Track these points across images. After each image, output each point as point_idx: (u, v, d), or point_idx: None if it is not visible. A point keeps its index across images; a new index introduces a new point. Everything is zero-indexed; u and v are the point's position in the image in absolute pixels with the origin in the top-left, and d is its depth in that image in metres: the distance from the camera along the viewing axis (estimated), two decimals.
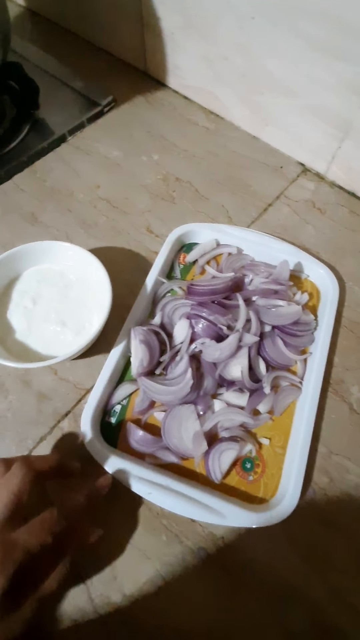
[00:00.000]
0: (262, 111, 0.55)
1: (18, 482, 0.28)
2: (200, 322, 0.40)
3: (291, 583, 0.33)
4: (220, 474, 0.35)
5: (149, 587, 0.32)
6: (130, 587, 0.32)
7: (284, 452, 0.37)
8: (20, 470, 0.29)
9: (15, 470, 0.29)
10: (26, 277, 0.42)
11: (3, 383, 0.40)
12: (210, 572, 0.33)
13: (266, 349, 0.40)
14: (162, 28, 0.56)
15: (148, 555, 0.33)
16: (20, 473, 0.29)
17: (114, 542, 0.34)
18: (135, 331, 0.39)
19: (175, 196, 0.53)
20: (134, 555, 0.33)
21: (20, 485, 0.28)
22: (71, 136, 0.58)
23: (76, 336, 0.39)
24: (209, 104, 0.61)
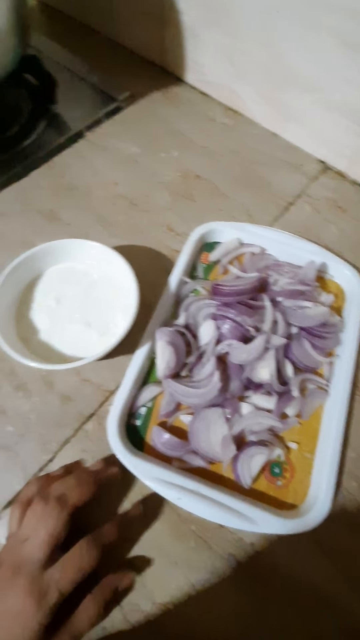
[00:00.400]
0: (284, 107, 0.54)
1: (53, 522, 0.29)
2: (227, 323, 0.39)
3: (323, 591, 0.32)
4: (250, 479, 0.34)
5: (179, 595, 0.32)
6: (159, 595, 0.31)
7: (312, 456, 0.36)
8: (54, 510, 0.29)
9: (52, 510, 0.29)
10: (48, 276, 0.41)
11: (26, 384, 0.39)
12: (241, 579, 0.32)
13: (293, 351, 0.39)
14: (183, 22, 0.55)
15: (177, 561, 0.33)
16: (54, 512, 0.29)
17: (142, 549, 0.33)
18: (161, 332, 0.38)
19: (195, 194, 0.52)
20: (163, 562, 0.33)
21: (55, 525, 0.28)
22: (88, 132, 0.57)
23: (101, 337, 0.38)
24: (228, 100, 0.60)
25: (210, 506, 0.33)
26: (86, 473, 0.32)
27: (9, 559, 0.28)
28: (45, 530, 0.28)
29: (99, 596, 0.29)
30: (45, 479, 0.33)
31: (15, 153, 0.53)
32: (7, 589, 0.27)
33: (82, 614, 0.28)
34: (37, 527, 0.29)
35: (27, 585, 0.27)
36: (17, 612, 0.26)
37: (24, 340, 0.37)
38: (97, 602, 0.29)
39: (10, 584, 0.27)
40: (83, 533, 0.30)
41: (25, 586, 0.27)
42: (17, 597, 0.26)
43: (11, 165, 0.52)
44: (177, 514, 0.34)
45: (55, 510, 0.29)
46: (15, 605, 0.26)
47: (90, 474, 0.32)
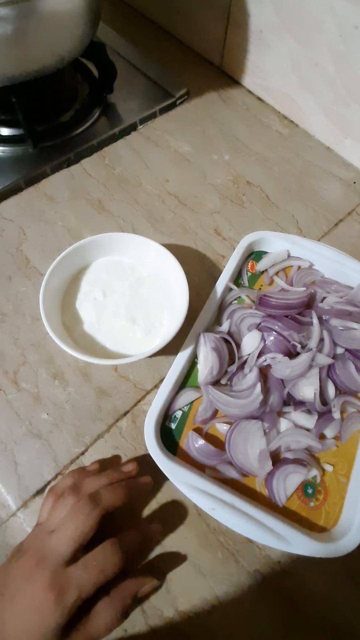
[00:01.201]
0: (343, 123, 0.53)
1: (83, 520, 0.28)
2: (272, 335, 0.38)
3: (350, 620, 0.31)
4: (285, 497, 0.34)
5: (203, 605, 0.31)
6: (183, 603, 0.31)
7: (347, 480, 0.36)
8: (86, 507, 0.28)
9: (83, 507, 0.28)
10: (96, 267, 0.40)
11: (63, 373, 0.39)
12: (266, 597, 0.32)
13: (336, 371, 0.38)
14: (250, 24, 0.54)
15: (203, 571, 0.32)
16: (86, 509, 0.28)
17: (169, 554, 0.32)
18: (206, 337, 0.38)
19: (244, 200, 0.52)
20: (189, 570, 0.32)
21: (85, 523, 0.28)
22: (142, 125, 0.56)
23: (145, 335, 0.37)
24: (285, 109, 0.59)
25: (242, 520, 0.32)
26: (121, 478, 0.31)
27: (34, 548, 0.28)
28: (74, 526, 0.28)
29: (117, 601, 0.28)
30: (81, 472, 0.32)
31: (68, 139, 0.53)
32: (29, 579, 0.26)
33: (98, 618, 0.27)
34: (66, 521, 0.28)
35: (48, 580, 0.26)
36: (35, 605, 0.25)
37: (68, 329, 0.37)
38: (115, 607, 0.27)
39: (32, 574, 0.26)
40: (107, 535, 0.29)
41: (46, 580, 0.26)
42: (37, 590, 0.26)
43: (64, 151, 0.51)
44: (206, 523, 0.34)
45: (87, 507, 0.28)
46: (35, 598, 0.26)
47: (125, 481, 0.31)
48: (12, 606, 0.26)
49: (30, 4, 0.35)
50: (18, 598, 0.26)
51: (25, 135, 0.49)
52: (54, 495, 0.31)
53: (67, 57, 0.43)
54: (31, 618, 0.25)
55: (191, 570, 0.32)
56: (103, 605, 0.27)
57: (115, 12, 0.70)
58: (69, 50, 0.43)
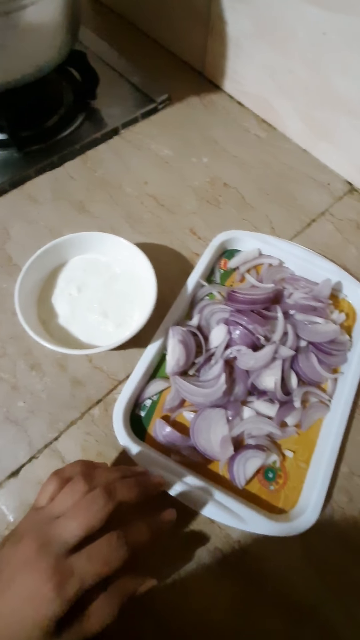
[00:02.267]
0: (318, 126, 0.55)
1: (96, 509, 0.26)
2: (238, 329, 0.40)
3: (306, 598, 0.33)
4: (245, 480, 0.36)
5: (166, 579, 0.33)
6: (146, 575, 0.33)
7: (306, 466, 0.38)
8: (101, 498, 0.27)
9: (96, 497, 0.27)
10: (73, 265, 0.43)
11: (40, 364, 0.41)
12: (225, 574, 0.34)
13: (299, 363, 0.40)
14: (228, 33, 0.56)
15: (166, 547, 0.34)
16: (101, 501, 0.27)
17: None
18: (174, 330, 0.40)
19: (221, 201, 0.54)
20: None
21: (97, 513, 0.26)
22: (124, 129, 0.59)
23: (117, 328, 0.40)
24: (263, 113, 0.61)
25: (203, 500, 0.34)
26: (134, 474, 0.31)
27: (35, 533, 0.26)
28: (84, 516, 0.26)
29: (114, 598, 0.26)
30: (90, 463, 0.31)
31: (53, 143, 0.55)
32: (28, 565, 0.25)
33: (95, 614, 0.25)
34: (77, 509, 0.27)
35: (49, 567, 0.24)
36: (33, 594, 0.24)
37: (44, 322, 0.39)
38: (112, 605, 0.26)
39: (33, 560, 0.25)
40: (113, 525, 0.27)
41: (47, 568, 0.24)
42: (37, 578, 0.24)
43: (48, 155, 0.54)
44: (170, 503, 0.35)
45: (101, 499, 0.27)
46: (33, 586, 0.24)
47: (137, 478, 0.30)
48: (7, 594, 0.24)
49: (7, 17, 0.38)
50: (14, 585, 0.24)
51: (9, 140, 0.51)
52: (60, 480, 0.29)
53: (45, 67, 0.45)
54: (27, 607, 0.24)
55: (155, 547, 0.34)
56: (100, 601, 0.26)
57: (103, 20, 0.73)
58: (48, 60, 0.45)
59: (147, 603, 0.32)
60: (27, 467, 0.37)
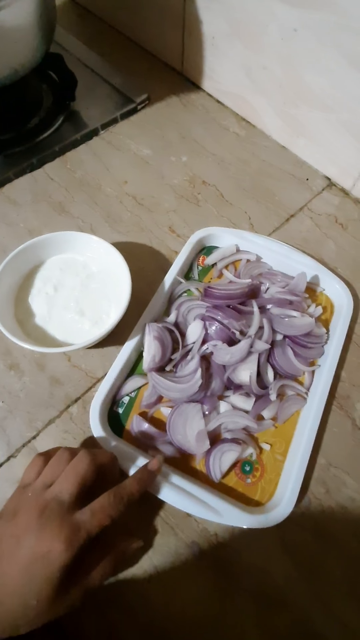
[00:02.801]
0: (295, 123, 0.55)
1: (85, 467, 0.30)
2: (214, 324, 0.40)
3: (281, 588, 0.33)
4: (220, 473, 0.36)
5: (142, 574, 0.33)
6: (123, 572, 0.33)
7: (283, 459, 0.38)
8: (86, 457, 0.31)
9: (81, 457, 0.31)
10: (50, 265, 0.43)
11: (18, 364, 0.41)
12: (202, 567, 0.34)
13: (276, 357, 0.41)
14: (203, 32, 0.57)
15: (142, 543, 0.34)
16: (86, 459, 0.30)
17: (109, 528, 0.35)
18: (150, 327, 0.40)
19: (200, 199, 0.54)
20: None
21: (86, 469, 0.30)
22: (104, 130, 0.59)
23: (93, 326, 0.40)
24: (242, 111, 0.62)
25: (179, 495, 0.34)
26: (106, 451, 0.34)
27: (31, 502, 0.29)
28: (74, 472, 0.29)
29: (111, 555, 0.30)
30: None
31: (32, 145, 0.55)
32: (33, 530, 0.27)
33: (98, 571, 0.29)
34: (67, 470, 0.30)
35: (57, 527, 0.27)
36: (43, 552, 0.26)
37: (20, 322, 0.40)
38: (109, 560, 0.30)
39: (37, 525, 0.27)
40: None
41: (55, 527, 0.27)
42: (47, 537, 0.27)
43: (27, 157, 0.54)
44: (146, 497, 0.36)
45: (86, 457, 0.30)
46: (42, 545, 0.27)
47: (111, 453, 0.34)
48: (14, 558, 0.27)
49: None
50: (21, 549, 0.27)
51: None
52: (45, 457, 0.32)
53: (21, 70, 0.46)
54: (37, 565, 0.26)
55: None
56: (99, 558, 0.29)
57: (83, 24, 0.73)
58: (23, 63, 0.46)
59: (122, 598, 0.32)
60: (5, 466, 0.37)
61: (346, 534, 0.35)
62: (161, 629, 0.32)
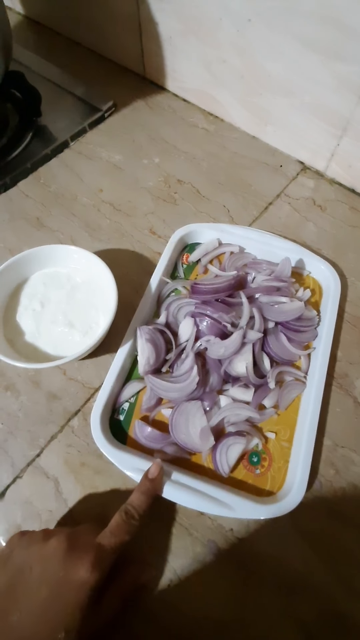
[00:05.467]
0: (261, 112, 0.55)
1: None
2: (205, 320, 0.40)
3: (302, 574, 0.33)
4: (228, 467, 0.36)
5: (162, 579, 0.33)
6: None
7: (290, 445, 0.38)
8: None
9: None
10: (34, 281, 0.43)
11: (14, 384, 0.41)
12: (222, 564, 0.34)
13: (270, 345, 0.40)
14: (160, 33, 0.57)
15: (159, 548, 0.34)
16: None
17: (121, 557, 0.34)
18: (141, 330, 0.40)
19: (177, 198, 0.54)
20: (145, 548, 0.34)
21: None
22: (73, 142, 0.59)
23: (84, 337, 0.40)
24: (208, 106, 0.62)
25: (190, 494, 0.34)
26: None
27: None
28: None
29: (121, 590, 0.31)
30: None
31: (3, 165, 0.55)
32: (61, 557, 0.28)
33: (107, 606, 0.29)
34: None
35: (80, 551, 0.28)
36: (70, 578, 0.27)
37: (10, 342, 0.39)
38: (120, 596, 0.30)
39: (63, 552, 0.28)
40: None
41: (78, 551, 0.28)
42: (75, 564, 0.28)
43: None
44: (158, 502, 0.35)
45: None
46: (70, 572, 0.28)
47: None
48: (42, 588, 0.27)
49: None
50: (46, 578, 0.28)
51: None
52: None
53: None
54: (67, 592, 0.27)
55: (149, 548, 0.34)
56: (111, 595, 0.30)
57: (40, 38, 0.73)
58: None
59: (144, 606, 0.32)
60: (12, 487, 0.36)
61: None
62: (187, 633, 0.32)
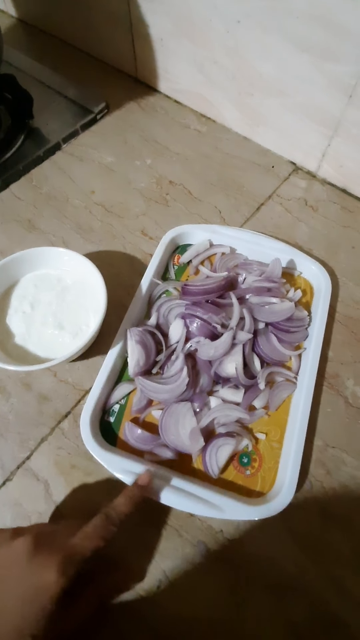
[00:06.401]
0: (253, 112, 0.55)
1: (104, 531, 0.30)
2: (195, 321, 0.40)
3: (293, 575, 0.33)
4: (218, 469, 0.35)
5: (151, 580, 0.33)
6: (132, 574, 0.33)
7: (280, 446, 0.38)
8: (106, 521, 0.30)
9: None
10: (24, 283, 0.43)
11: (4, 386, 0.41)
12: (211, 565, 0.34)
13: (260, 345, 0.40)
14: (151, 35, 0.57)
15: (149, 549, 0.34)
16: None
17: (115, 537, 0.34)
18: (131, 332, 0.40)
19: (168, 199, 0.54)
20: (134, 549, 0.34)
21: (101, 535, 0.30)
22: (66, 144, 0.59)
23: (74, 338, 0.40)
24: (201, 107, 0.62)
25: (180, 496, 0.34)
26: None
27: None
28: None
29: (99, 594, 0.30)
30: None
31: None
32: (26, 560, 0.27)
33: (82, 608, 0.29)
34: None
35: (48, 553, 0.27)
36: (39, 581, 0.26)
37: (1, 344, 0.39)
38: (97, 600, 0.30)
39: (26, 557, 0.27)
40: None
41: (46, 554, 0.27)
42: (41, 566, 0.27)
43: None
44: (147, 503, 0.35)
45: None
46: (36, 576, 0.26)
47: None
48: (10, 590, 0.26)
49: None
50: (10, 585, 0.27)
51: None
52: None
53: None
54: (33, 595, 0.26)
55: (136, 549, 0.34)
56: (84, 598, 0.29)
57: (32, 41, 0.73)
58: None
59: (132, 607, 0.32)
60: (2, 490, 0.36)
61: (351, 512, 0.35)
62: (177, 634, 0.31)
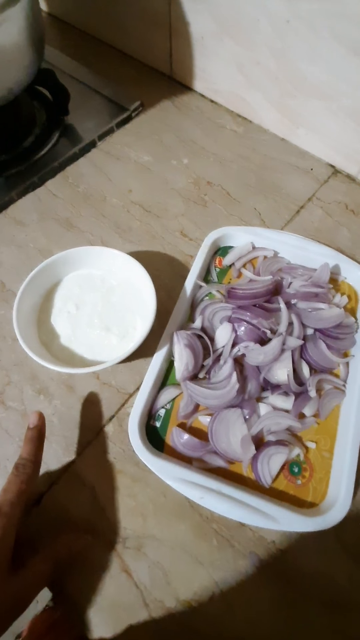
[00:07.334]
0: (293, 114, 0.55)
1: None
2: (243, 325, 0.40)
3: (347, 591, 0.32)
4: (270, 478, 0.35)
5: (203, 592, 0.32)
6: (184, 592, 0.32)
7: (331, 455, 0.37)
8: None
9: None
10: (67, 283, 0.42)
11: (47, 387, 0.40)
12: (264, 578, 0.33)
13: (309, 352, 0.40)
14: (191, 33, 0.56)
15: (200, 560, 0.33)
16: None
17: (165, 547, 0.34)
18: (178, 335, 0.39)
19: (207, 200, 0.53)
20: (186, 560, 0.33)
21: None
22: (101, 141, 0.58)
23: (120, 340, 0.39)
24: (237, 108, 0.61)
25: (231, 505, 0.33)
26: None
27: None
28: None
29: (49, 554, 0.30)
30: None
31: (31, 164, 0.54)
32: None
33: (34, 571, 0.28)
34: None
35: None
36: None
37: (45, 345, 0.38)
38: (46, 560, 0.29)
39: None
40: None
41: None
42: None
43: (27, 176, 0.53)
44: (199, 513, 0.35)
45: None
46: None
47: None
48: None
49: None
50: None
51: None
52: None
53: (15, 89, 0.45)
54: None
55: (189, 560, 0.33)
56: (35, 559, 0.29)
57: (68, 37, 0.73)
58: (17, 81, 0.45)
59: (186, 620, 0.31)
60: (48, 495, 0.36)
61: None
62: None
